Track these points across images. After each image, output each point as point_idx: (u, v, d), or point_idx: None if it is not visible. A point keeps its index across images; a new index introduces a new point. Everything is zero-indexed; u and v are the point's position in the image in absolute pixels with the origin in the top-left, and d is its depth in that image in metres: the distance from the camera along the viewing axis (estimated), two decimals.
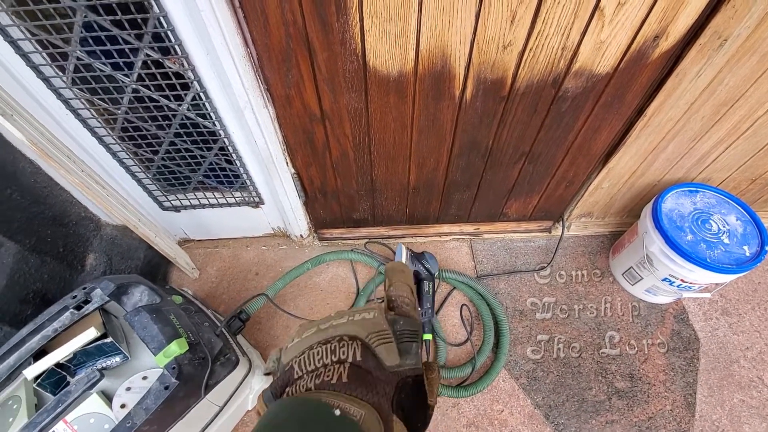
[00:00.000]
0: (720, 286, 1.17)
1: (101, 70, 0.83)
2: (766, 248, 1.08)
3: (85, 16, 0.73)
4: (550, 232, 1.49)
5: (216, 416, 0.91)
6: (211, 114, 0.94)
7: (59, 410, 0.74)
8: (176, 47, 0.78)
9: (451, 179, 1.20)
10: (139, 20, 0.73)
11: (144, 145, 1.03)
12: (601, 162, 1.17)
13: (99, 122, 0.96)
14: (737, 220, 1.15)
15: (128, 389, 0.81)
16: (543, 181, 1.24)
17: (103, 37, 0.76)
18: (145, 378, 0.83)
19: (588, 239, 1.49)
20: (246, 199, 1.25)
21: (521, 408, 1.15)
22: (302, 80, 0.86)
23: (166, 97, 0.90)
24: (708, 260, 1.06)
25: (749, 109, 0.97)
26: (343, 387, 0.28)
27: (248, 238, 1.47)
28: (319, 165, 1.12)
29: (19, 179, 0.93)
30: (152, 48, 0.79)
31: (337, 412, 0.25)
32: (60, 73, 0.84)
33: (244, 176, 1.14)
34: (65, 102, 0.90)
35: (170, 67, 0.83)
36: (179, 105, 0.92)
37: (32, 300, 0.94)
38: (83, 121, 0.95)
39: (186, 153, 1.06)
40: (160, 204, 1.25)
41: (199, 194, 1.22)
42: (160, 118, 0.95)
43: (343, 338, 0.31)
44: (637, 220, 1.26)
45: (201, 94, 0.88)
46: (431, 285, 1.25)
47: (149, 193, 1.20)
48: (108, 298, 0.84)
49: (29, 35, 0.77)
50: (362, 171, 1.14)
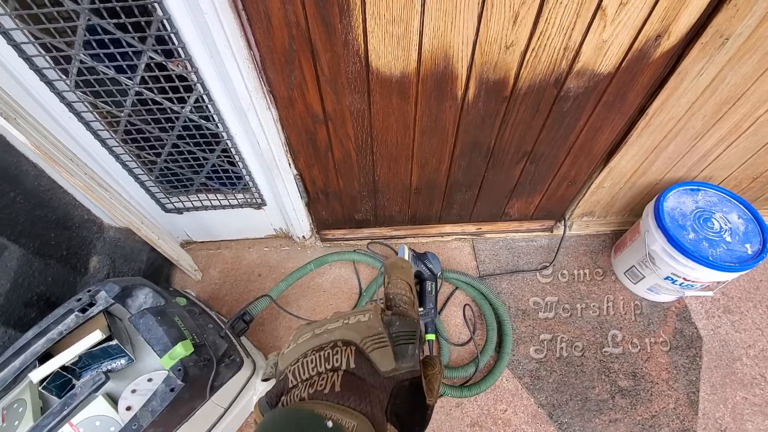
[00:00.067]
0: (722, 284, 1.17)
1: (104, 73, 0.83)
2: None
3: (89, 19, 0.73)
4: (552, 232, 1.49)
5: (221, 418, 0.91)
6: (214, 116, 0.94)
7: (65, 413, 0.74)
8: (179, 50, 0.78)
9: (454, 179, 1.20)
10: (143, 23, 0.74)
11: (147, 148, 1.03)
12: (603, 161, 1.17)
13: (102, 125, 0.97)
14: (739, 219, 1.15)
15: (133, 391, 0.81)
16: (545, 181, 1.24)
17: (107, 40, 0.77)
18: (150, 380, 0.83)
19: (590, 238, 1.49)
20: (248, 201, 1.25)
21: (525, 407, 1.15)
22: (305, 82, 0.86)
23: (169, 100, 0.90)
24: (710, 258, 1.06)
25: (751, 108, 0.98)
26: (336, 397, 0.28)
27: (251, 240, 1.47)
28: (322, 166, 1.12)
29: (23, 182, 0.93)
30: (155, 51, 0.79)
31: (330, 424, 0.25)
32: (63, 77, 0.84)
33: (247, 178, 1.14)
34: (68, 105, 0.90)
35: (173, 70, 0.83)
36: (182, 107, 0.92)
37: (36, 303, 0.95)
38: (86, 124, 0.95)
39: (189, 155, 1.06)
40: (163, 206, 1.25)
41: (202, 196, 1.22)
42: (163, 121, 0.95)
43: (337, 344, 0.31)
44: (639, 219, 1.26)
45: (204, 97, 0.89)
46: (434, 285, 1.25)
47: (152, 196, 1.20)
48: (113, 301, 0.84)
49: (32, 38, 0.77)
50: (364, 172, 1.14)
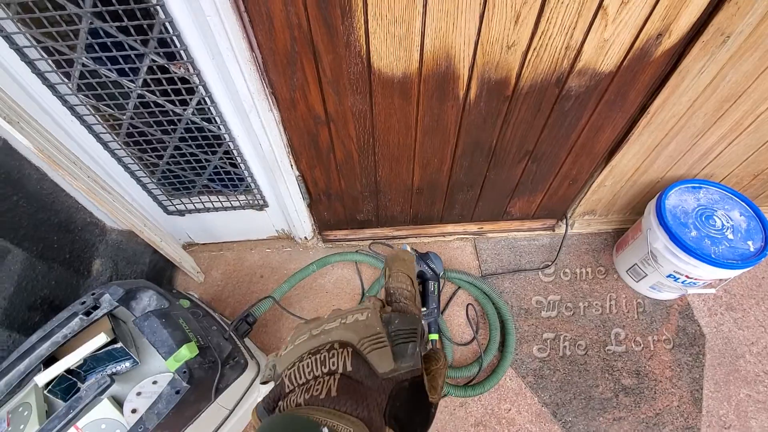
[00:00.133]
0: (724, 282, 1.17)
1: (107, 76, 0.83)
2: None
3: (91, 23, 0.73)
4: (554, 231, 1.49)
5: (225, 420, 0.91)
6: (216, 118, 0.94)
7: (70, 416, 0.74)
8: (182, 52, 0.78)
9: (455, 179, 1.20)
10: (145, 26, 0.74)
11: (149, 150, 1.03)
12: (604, 160, 1.17)
13: (104, 128, 0.97)
14: (741, 216, 1.15)
15: (138, 394, 0.81)
16: (546, 180, 1.24)
17: (109, 44, 0.77)
18: (155, 382, 0.83)
19: (591, 237, 1.50)
20: (250, 202, 1.25)
21: (528, 406, 1.16)
22: (307, 83, 0.86)
23: (171, 102, 0.90)
24: (713, 256, 1.06)
25: (752, 105, 0.98)
26: (332, 402, 0.27)
27: (252, 241, 1.47)
28: (324, 167, 1.12)
29: (25, 186, 0.93)
30: (158, 53, 0.79)
31: (325, 431, 0.25)
32: (65, 80, 0.84)
33: (249, 179, 1.14)
34: (71, 108, 0.90)
35: (176, 72, 0.83)
36: (184, 109, 0.92)
37: (40, 306, 0.95)
38: (89, 127, 0.95)
39: (191, 157, 1.06)
40: (165, 208, 1.25)
41: (204, 198, 1.23)
42: (165, 123, 0.95)
43: (334, 346, 0.31)
44: (641, 217, 1.26)
45: (206, 99, 0.89)
46: (437, 285, 1.25)
47: (154, 198, 1.20)
48: (117, 304, 0.84)
49: (35, 42, 0.77)
50: (366, 172, 1.15)
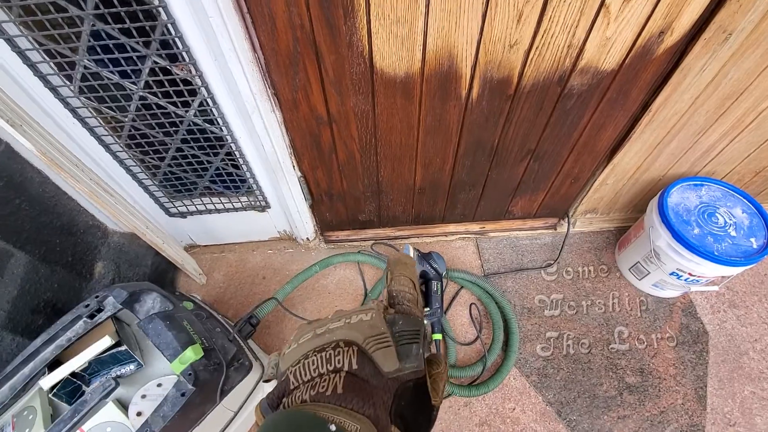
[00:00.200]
0: (727, 279, 1.17)
1: (109, 79, 0.83)
2: None
3: (93, 25, 0.73)
4: (556, 229, 1.49)
5: (230, 422, 0.91)
6: (219, 119, 0.94)
7: (76, 420, 0.74)
8: (184, 54, 0.78)
9: (457, 179, 1.20)
10: (147, 28, 0.74)
11: (151, 152, 1.03)
12: (606, 158, 1.18)
13: (106, 130, 0.96)
14: (743, 213, 1.15)
15: (143, 397, 0.80)
16: (548, 179, 1.24)
17: (111, 46, 0.77)
18: (160, 385, 0.83)
19: (593, 235, 1.50)
20: (252, 204, 1.25)
21: (533, 405, 1.15)
22: (309, 83, 0.86)
23: (174, 104, 0.90)
24: (716, 253, 1.06)
25: (753, 102, 0.98)
26: (338, 399, 0.27)
27: (254, 243, 1.47)
28: (326, 167, 1.12)
29: (28, 189, 0.93)
30: (160, 55, 0.79)
31: (333, 428, 0.25)
32: (67, 82, 0.84)
33: (251, 180, 1.14)
34: (73, 111, 0.90)
35: (178, 74, 0.83)
36: (186, 111, 0.92)
37: (43, 310, 0.94)
38: (90, 130, 0.95)
39: (192, 159, 1.06)
40: (167, 210, 1.25)
41: (206, 200, 1.22)
42: (167, 125, 0.95)
43: (339, 344, 0.31)
44: (643, 215, 1.26)
45: (208, 100, 0.89)
46: (439, 285, 1.25)
47: (156, 200, 1.20)
48: (121, 306, 0.84)
49: (36, 45, 0.77)
50: (368, 172, 1.14)
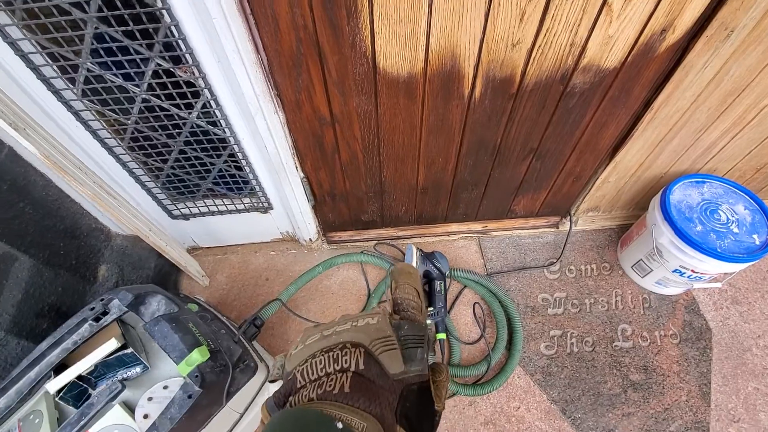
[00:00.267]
0: (730, 276, 1.18)
1: (112, 81, 0.83)
2: None
3: (96, 28, 0.73)
4: (558, 228, 1.50)
5: (236, 423, 0.90)
6: (222, 121, 0.94)
7: (82, 423, 0.74)
8: (187, 56, 0.78)
9: (460, 178, 1.20)
10: (151, 30, 0.74)
11: (153, 154, 1.03)
12: (608, 156, 1.18)
13: (109, 133, 0.96)
14: (745, 209, 1.15)
15: (150, 399, 0.80)
16: (550, 177, 1.24)
17: (114, 48, 0.76)
18: (166, 387, 0.82)
19: (596, 233, 1.50)
20: (255, 205, 1.25)
21: (537, 404, 1.16)
22: (312, 84, 0.86)
23: (177, 106, 0.90)
24: (719, 250, 1.07)
25: (755, 99, 0.98)
26: (346, 397, 0.27)
27: (257, 244, 1.47)
28: (329, 168, 1.12)
29: (31, 193, 0.93)
30: (163, 57, 0.79)
31: (339, 425, 0.25)
32: (70, 85, 0.84)
33: (254, 182, 1.14)
34: (75, 114, 0.90)
35: (181, 76, 0.83)
36: (189, 113, 0.92)
37: (48, 313, 0.94)
38: (93, 133, 0.95)
39: (195, 161, 1.06)
40: (170, 213, 1.25)
41: (208, 202, 1.22)
42: (170, 127, 0.95)
43: (346, 345, 0.31)
44: (645, 213, 1.27)
45: (211, 102, 0.89)
46: (443, 284, 1.25)
47: (158, 202, 1.20)
48: (126, 309, 0.84)
49: (40, 48, 0.77)
50: (371, 173, 1.15)
